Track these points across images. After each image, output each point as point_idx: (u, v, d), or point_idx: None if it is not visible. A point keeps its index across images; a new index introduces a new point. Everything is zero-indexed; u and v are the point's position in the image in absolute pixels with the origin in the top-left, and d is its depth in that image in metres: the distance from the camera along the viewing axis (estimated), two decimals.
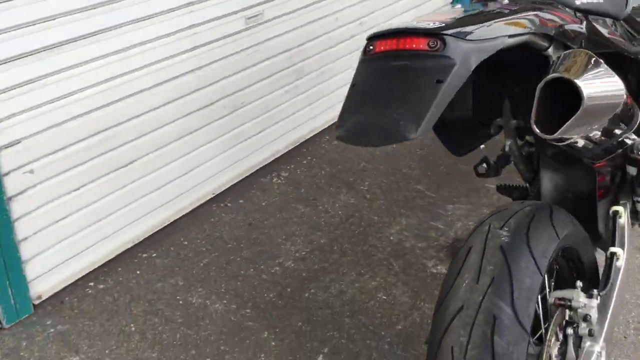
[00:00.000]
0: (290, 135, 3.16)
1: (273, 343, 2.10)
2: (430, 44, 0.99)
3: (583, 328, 1.46)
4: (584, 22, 1.35)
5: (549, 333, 1.40)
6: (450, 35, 1.00)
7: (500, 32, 1.08)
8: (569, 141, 1.19)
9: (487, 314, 1.23)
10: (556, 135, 1.01)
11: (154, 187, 2.53)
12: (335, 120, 1.14)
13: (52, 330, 2.17)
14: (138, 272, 2.44)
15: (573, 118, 0.99)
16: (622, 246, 1.65)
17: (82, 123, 2.20)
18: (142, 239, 2.57)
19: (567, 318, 1.46)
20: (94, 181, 2.30)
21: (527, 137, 1.78)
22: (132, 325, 2.19)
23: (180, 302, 2.29)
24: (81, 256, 2.35)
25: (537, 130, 1.02)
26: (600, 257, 1.68)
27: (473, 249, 1.33)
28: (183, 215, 2.72)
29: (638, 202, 1.79)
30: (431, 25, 1.05)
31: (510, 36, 1.07)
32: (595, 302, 1.48)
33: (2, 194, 2.00)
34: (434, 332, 1.28)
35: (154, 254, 2.53)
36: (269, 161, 3.09)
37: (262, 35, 2.80)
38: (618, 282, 1.58)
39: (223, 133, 2.77)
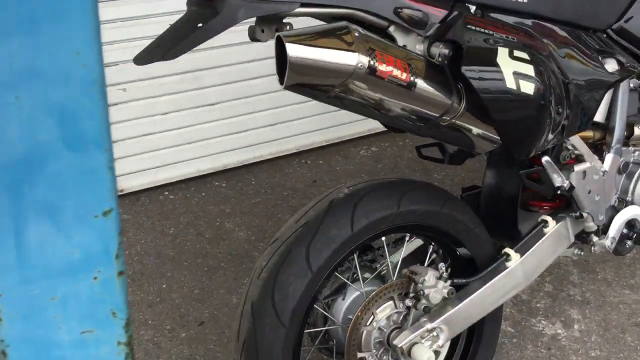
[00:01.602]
0: None
1: None
2: None
3: (422, 303, 1.56)
4: (454, 14, 1.40)
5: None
6: None
7: None
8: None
9: (286, 247, 1.44)
10: (284, 84, 1.18)
11: (234, 130, 2.98)
12: None
13: None
14: (203, 194, 2.93)
15: (287, 70, 1.15)
16: (523, 251, 1.66)
17: (174, 61, 2.71)
18: (219, 170, 3.04)
19: (411, 291, 1.57)
20: (180, 111, 2.82)
21: None
22: (172, 229, 2.68)
23: (217, 223, 2.72)
24: (163, 169, 2.90)
25: (279, 82, 1.20)
26: None
27: (318, 198, 1.53)
28: (262, 161, 3.14)
29: (577, 217, 1.75)
30: None
31: (305, 4, 1.24)
32: (441, 285, 1.57)
33: None
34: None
35: (223, 184, 2.99)
36: (363, 134, 3.34)
37: None
38: (493, 281, 1.62)
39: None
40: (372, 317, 1.55)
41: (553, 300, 2.31)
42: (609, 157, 1.76)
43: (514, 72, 1.36)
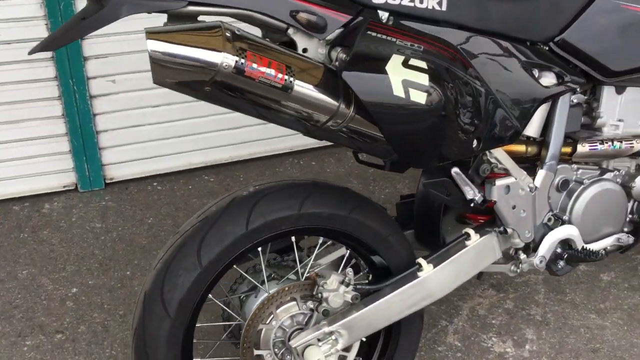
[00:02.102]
0: None
1: None
2: None
3: (322, 306, 1.56)
4: (358, 20, 1.38)
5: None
6: None
7: None
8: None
9: (182, 240, 1.47)
10: (153, 80, 1.20)
11: (227, 127, 3.03)
12: None
13: (103, 202, 2.86)
14: (190, 187, 2.99)
15: (150, 65, 1.18)
16: (437, 263, 1.63)
17: None
18: (210, 165, 3.10)
19: (314, 293, 1.57)
20: (170, 105, 2.89)
21: None
22: (150, 219, 2.76)
23: None
24: (153, 160, 2.99)
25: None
26: None
27: (225, 195, 1.55)
28: (255, 158, 3.18)
29: (501, 232, 1.70)
30: None
31: (194, 3, 1.26)
32: (342, 290, 1.56)
33: (86, 92, 2.72)
34: None
35: (212, 179, 3.05)
36: None
37: None
38: (400, 290, 1.59)
39: None
40: (271, 315, 1.56)
41: (511, 318, 2.24)
42: (540, 174, 1.69)
43: (403, 80, 1.34)
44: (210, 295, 1.54)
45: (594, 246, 1.80)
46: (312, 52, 1.42)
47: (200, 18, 1.33)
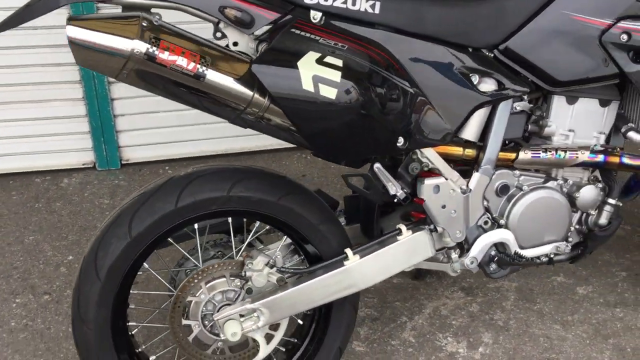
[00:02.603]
0: None
1: None
2: None
3: (247, 284, 1.67)
4: (286, 18, 1.46)
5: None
6: None
7: None
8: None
9: (119, 211, 1.61)
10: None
11: None
12: None
13: (116, 182, 3.07)
14: None
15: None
16: (364, 254, 1.70)
17: None
18: (220, 154, 3.25)
19: (242, 272, 1.68)
20: None
21: None
22: None
23: None
24: (167, 146, 3.17)
25: None
26: None
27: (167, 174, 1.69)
28: (264, 150, 3.31)
29: (432, 230, 1.75)
30: None
31: None
32: (267, 271, 1.66)
33: (104, 77, 2.92)
34: None
35: None
36: None
37: None
38: (323, 277, 1.67)
39: None
40: (200, 289, 1.68)
41: (472, 320, 2.27)
42: (475, 176, 1.73)
43: (314, 75, 1.42)
44: (145, 265, 1.69)
45: (530, 252, 1.82)
46: (243, 46, 1.53)
47: (154, 10, 1.47)
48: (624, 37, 1.70)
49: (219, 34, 1.54)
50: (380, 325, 2.25)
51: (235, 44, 1.52)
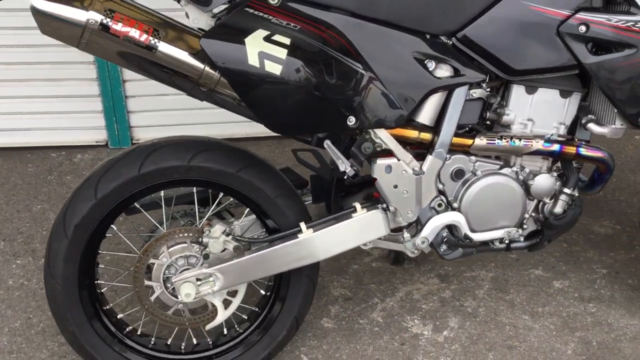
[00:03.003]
0: None
1: None
2: None
3: (204, 249, 1.77)
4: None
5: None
6: None
7: None
8: None
9: (89, 175, 1.73)
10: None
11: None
12: None
13: None
14: None
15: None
16: (318, 229, 1.79)
17: None
18: (225, 138, 3.31)
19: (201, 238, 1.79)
20: None
21: None
22: None
23: None
24: (175, 128, 3.29)
25: None
26: None
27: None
28: (268, 137, 3.39)
29: (385, 209, 1.83)
30: None
31: None
32: (223, 239, 1.77)
33: None
34: None
35: None
36: None
37: None
38: (276, 248, 1.77)
39: None
40: (162, 252, 1.80)
41: (442, 305, 2.32)
42: (428, 159, 1.79)
43: (260, 51, 1.52)
44: (114, 227, 1.81)
45: (481, 236, 1.87)
46: (203, 23, 1.64)
47: None
48: (582, 28, 1.74)
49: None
50: (352, 304, 2.33)
51: (195, 21, 1.64)
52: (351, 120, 1.68)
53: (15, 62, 3.11)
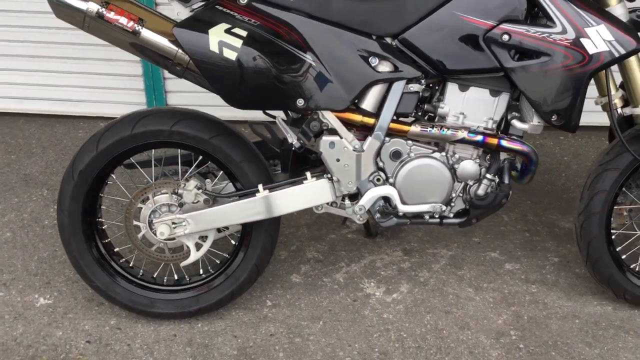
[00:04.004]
0: None
1: None
2: None
3: (181, 200, 2.19)
4: None
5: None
6: None
7: None
8: None
9: (95, 133, 2.18)
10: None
11: None
12: None
13: None
14: None
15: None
16: (273, 190, 2.18)
17: None
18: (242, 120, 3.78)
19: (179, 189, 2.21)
20: None
21: None
22: None
23: None
24: (209, 108, 3.72)
25: None
26: None
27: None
28: None
29: (329, 179, 2.19)
30: None
31: None
32: (195, 192, 2.17)
33: None
34: None
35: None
36: None
37: None
38: (237, 203, 2.18)
39: None
40: (148, 199, 2.22)
41: (398, 273, 2.65)
42: (367, 140, 2.14)
43: (220, 40, 1.92)
44: (113, 176, 2.26)
45: (410, 208, 2.20)
46: (184, 15, 2.05)
47: None
48: (505, 37, 2.04)
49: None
50: (320, 266, 2.70)
51: (178, 13, 2.05)
52: (300, 102, 2.06)
53: (73, 42, 3.65)
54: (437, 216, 2.25)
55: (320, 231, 2.91)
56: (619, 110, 2.31)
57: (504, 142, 2.16)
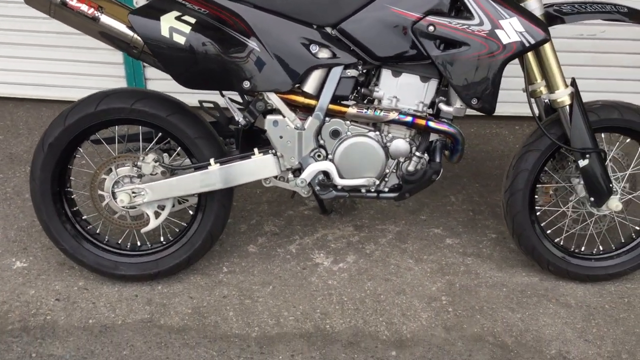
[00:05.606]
0: None
1: None
2: None
3: (140, 171, 2.42)
4: None
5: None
6: None
7: None
8: None
9: (65, 109, 2.42)
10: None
11: None
12: None
13: None
14: None
15: None
16: (223, 164, 2.41)
17: None
18: None
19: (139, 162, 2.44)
20: None
21: None
22: None
23: None
24: (189, 95, 3.97)
25: None
26: None
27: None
28: None
29: (274, 154, 2.42)
30: None
31: None
32: (152, 164, 2.41)
33: None
34: None
35: None
36: None
37: None
38: (190, 175, 2.41)
39: None
40: (111, 170, 2.46)
41: (347, 246, 2.89)
42: (308, 120, 2.38)
43: (170, 26, 2.16)
44: (80, 150, 2.50)
45: (346, 182, 2.43)
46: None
47: None
48: (431, 28, 2.26)
49: None
50: (276, 238, 2.93)
51: (137, 3, 2.29)
52: (246, 84, 2.29)
53: (59, 31, 3.87)
54: (373, 190, 2.48)
55: (280, 207, 3.15)
56: (543, 98, 2.54)
57: (431, 124, 2.38)
